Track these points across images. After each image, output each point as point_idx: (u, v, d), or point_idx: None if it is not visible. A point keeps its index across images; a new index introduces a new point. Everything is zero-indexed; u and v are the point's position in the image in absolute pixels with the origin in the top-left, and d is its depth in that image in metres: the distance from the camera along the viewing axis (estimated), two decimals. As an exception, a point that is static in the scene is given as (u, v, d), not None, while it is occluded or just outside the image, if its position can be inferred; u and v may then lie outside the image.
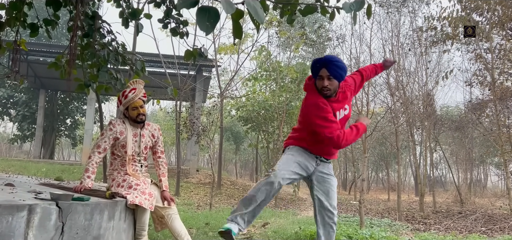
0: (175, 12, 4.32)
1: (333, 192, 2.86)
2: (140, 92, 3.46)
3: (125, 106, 3.43)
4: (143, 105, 3.48)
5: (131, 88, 3.47)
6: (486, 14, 9.71)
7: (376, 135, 11.46)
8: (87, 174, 3.25)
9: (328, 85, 2.67)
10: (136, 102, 3.42)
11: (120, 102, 3.48)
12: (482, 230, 8.38)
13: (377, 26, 11.80)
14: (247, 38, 15.17)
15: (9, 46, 3.85)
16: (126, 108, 3.45)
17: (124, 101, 3.42)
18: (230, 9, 1.69)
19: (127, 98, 3.41)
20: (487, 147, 17.34)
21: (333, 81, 2.68)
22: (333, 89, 2.70)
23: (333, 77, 2.67)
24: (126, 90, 3.47)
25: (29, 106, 20.12)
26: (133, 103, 3.41)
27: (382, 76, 11.34)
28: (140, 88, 3.49)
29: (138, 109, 3.42)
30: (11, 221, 2.17)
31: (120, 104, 3.48)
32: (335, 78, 2.68)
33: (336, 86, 2.72)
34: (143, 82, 3.57)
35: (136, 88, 3.46)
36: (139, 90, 3.46)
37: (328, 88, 2.68)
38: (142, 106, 3.46)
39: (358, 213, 8.36)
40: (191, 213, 7.55)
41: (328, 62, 2.68)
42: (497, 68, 10.55)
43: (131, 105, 3.42)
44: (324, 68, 2.68)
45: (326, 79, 2.67)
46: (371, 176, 28.24)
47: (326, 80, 2.67)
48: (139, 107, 3.42)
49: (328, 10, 3.09)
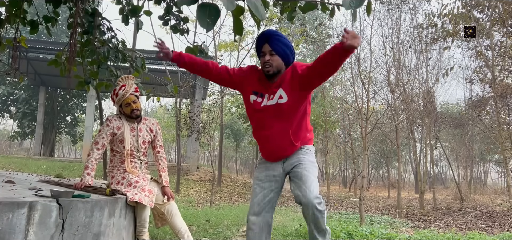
0: (176, 9, 4.31)
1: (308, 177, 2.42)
2: (130, 88, 3.43)
3: (118, 103, 3.43)
4: (136, 100, 3.45)
5: (121, 85, 3.45)
6: (486, 11, 9.69)
7: (376, 132, 11.47)
8: (86, 171, 3.25)
9: (270, 59, 2.45)
10: (128, 98, 3.40)
11: (113, 101, 3.47)
12: (482, 227, 8.39)
13: (377, 23, 11.80)
14: (247, 35, 15.16)
15: (9, 43, 3.84)
16: (120, 106, 3.45)
17: (116, 99, 3.41)
18: (230, 6, 1.69)
19: (118, 96, 3.40)
20: (487, 144, 17.34)
21: (275, 57, 2.46)
22: (275, 65, 2.46)
23: (276, 52, 2.46)
24: (116, 88, 3.45)
25: (29, 104, 20.13)
26: (125, 100, 3.40)
27: (383, 73, 11.34)
28: (130, 84, 3.46)
29: (131, 105, 3.41)
30: (11, 218, 2.17)
31: (114, 103, 3.48)
32: (277, 53, 2.46)
33: (279, 64, 2.48)
34: (133, 77, 3.54)
35: (125, 84, 3.44)
36: (129, 86, 3.44)
37: (269, 63, 2.45)
38: (135, 101, 3.43)
39: (358, 210, 8.37)
40: (191, 210, 7.56)
41: (269, 36, 2.48)
42: (498, 65, 10.54)
43: (123, 102, 3.41)
44: (266, 43, 2.48)
45: (268, 54, 2.46)
46: (371, 173, 28.26)
47: (268, 55, 2.46)
48: (131, 103, 3.41)
49: (328, 7, 3.08)
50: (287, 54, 2.48)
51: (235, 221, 5.98)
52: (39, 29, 3.94)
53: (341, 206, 12.39)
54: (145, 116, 3.62)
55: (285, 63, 2.50)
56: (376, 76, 11.68)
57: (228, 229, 5.25)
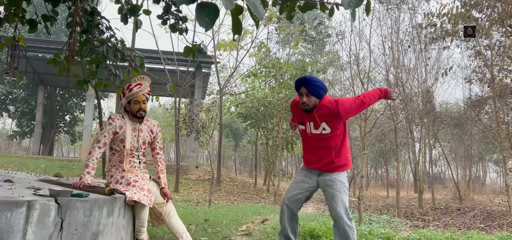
0: (175, 8, 4.30)
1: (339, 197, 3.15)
2: (145, 89, 3.49)
3: (128, 99, 3.45)
4: (146, 101, 3.50)
5: (137, 82, 3.49)
6: (485, 10, 9.69)
7: (375, 132, 11.47)
8: (87, 170, 3.25)
9: (307, 101, 3.14)
10: (140, 97, 3.44)
11: (123, 94, 3.49)
12: (481, 226, 8.40)
13: (376, 22, 11.76)
14: (246, 35, 15.15)
15: (8, 42, 3.83)
16: (128, 102, 3.46)
17: (128, 94, 3.43)
18: (229, 5, 1.69)
19: (132, 92, 3.42)
20: (486, 144, 17.37)
21: (311, 98, 3.14)
22: (311, 104, 3.15)
23: (311, 94, 3.13)
24: (132, 83, 3.48)
25: (28, 103, 20.10)
26: (136, 97, 3.43)
27: (382, 73, 11.34)
28: (145, 85, 3.52)
29: (140, 103, 3.44)
30: (10, 217, 2.17)
31: (123, 97, 3.48)
32: (313, 95, 3.13)
33: (315, 102, 3.16)
34: (150, 80, 3.59)
35: (142, 84, 3.49)
36: (144, 87, 3.49)
37: (306, 103, 3.15)
38: (144, 102, 3.48)
39: (357, 210, 8.37)
40: (190, 209, 7.56)
41: (306, 81, 3.15)
42: (497, 65, 10.55)
43: (133, 99, 3.43)
44: (303, 87, 3.15)
45: (305, 96, 3.14)
46: (370, 173, 28.28)
47: (304, 96, 3.15)
48: (141, 102, 3.45)
49: (328, 6, 3.08)
50: (320, 94, 3.17)
51: (234, 221, 5.97)
52: (38, 28, 3.93)
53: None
54: (146, 117, 3.63)
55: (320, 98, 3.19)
56: (375, 75, 11.67)
57: (227, 228, 5.25)
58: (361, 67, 9.48)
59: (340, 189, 3.16)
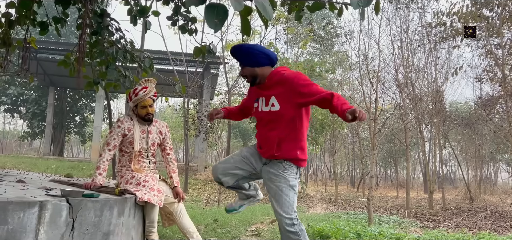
0: (184, 9, 4.32)
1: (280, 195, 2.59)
2: (150, 92, 3.49)
3: (134, 103, 3.47)
4: (153, 104, 3.51)
5: (142, 86, 3.50)
6: (496, 9, 9.58)
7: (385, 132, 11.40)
8: (98, 171, 3.28)
9: (243, 73, 2.70)
10: (146, 101, 3.45)
11: (130, 98, 3.50)
12: (492, 227, 8.30)
13: (385, 22, 11.69)
14: (255, 35, 15.14)
15: (19, 44, 3.88)
16: (135, 106, 3.48)
17: (134, 99, 3.44)
18: (238, 6, 1.70)
19: (138, 96, 3.43)
20: (497, 144, 17.18)
21: (245, 68, 2.67)
22: (249, 75, 2.68)
23: (243, 64, 2.68)
24: (137, 87, 3.49)
25: (38, 104, 20.33)
26: (142, 102, 3.44)
27: (391, 72, 11.26)
28: (151, 87, 3.52)
29: (147, 108, 3.45)
30: (22, 217, 2.20)
31: (130, 101, 3.50)
32: (244, 65, 2.67)
33: (252, 72, 2.66)
34: (155, 81, 3.59)
35: (147, 87, 3.49)
36: (150, 89, 3.49)
37: (244, 75, 2.71)
38: (152, 105, 3.49)
39: (367, 210, 8.33)
40: (199, 209, 7.58)
41: (233, 54, 2.69)
42: (508, 64, 10.42)
43: (140, 103, 3.45)
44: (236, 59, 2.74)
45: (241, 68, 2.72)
46: (379, 173, 28.11)
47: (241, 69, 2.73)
48: (148, 106, 3.46)
49: (336, 6, 3.07)
50: (256, 62, 2.63)
51: (243, 221, 5.98)
52: (49, 30, 3.98)
53: (349, 206, 12.35)
54: (155, 119, 3.65)
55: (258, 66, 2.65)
56: (385, 75, 11.59)
57: (236, 228, 5.26)
58: (370, 67, 9.44)
59: (283, 188, 2.59)
